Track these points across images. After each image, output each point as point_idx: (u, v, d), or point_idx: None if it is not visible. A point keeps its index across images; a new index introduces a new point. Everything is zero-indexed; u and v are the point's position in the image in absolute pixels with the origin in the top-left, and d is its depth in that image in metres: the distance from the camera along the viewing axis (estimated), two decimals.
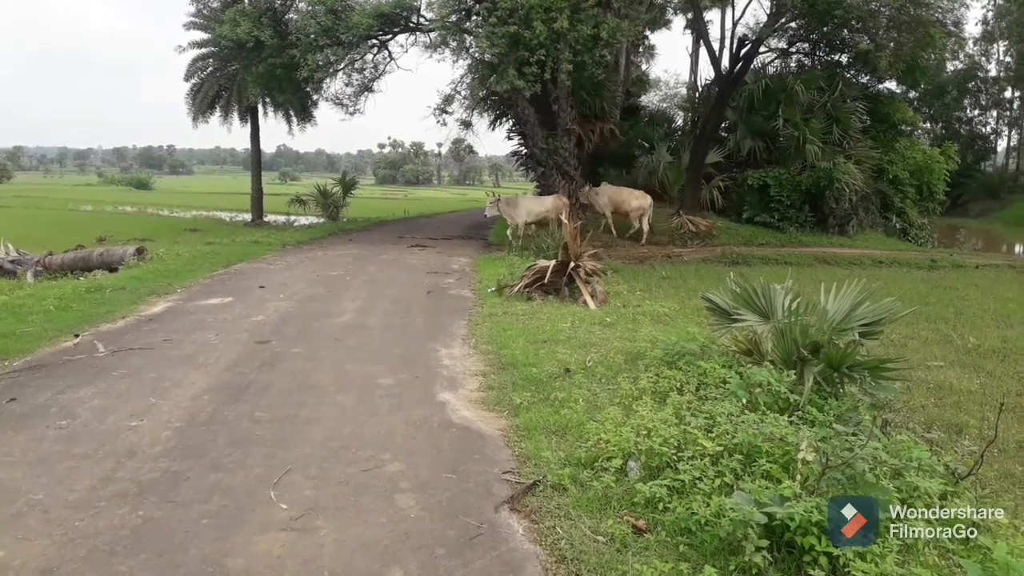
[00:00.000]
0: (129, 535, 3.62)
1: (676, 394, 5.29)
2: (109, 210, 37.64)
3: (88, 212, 35.77)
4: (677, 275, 14.58)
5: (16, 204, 39.54)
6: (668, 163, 24.22)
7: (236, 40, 19.71)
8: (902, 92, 26.33)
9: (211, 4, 25.42)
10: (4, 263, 14.29)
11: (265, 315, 9.11)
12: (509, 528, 3.74)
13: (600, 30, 16.27)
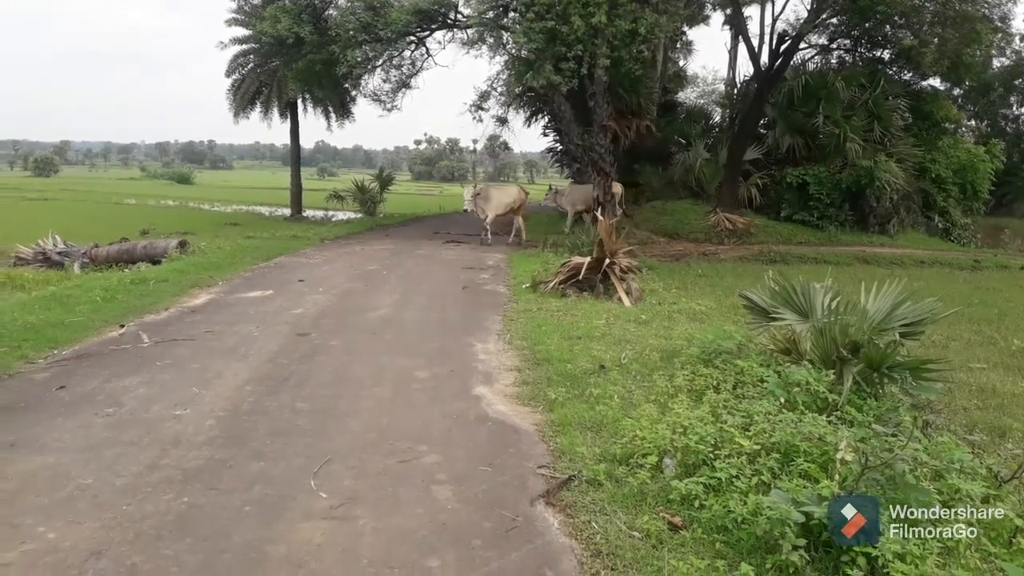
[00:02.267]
0: (174, 520, 3.72)
1: (713, 392, 5.27)
2: (152, 204, 38.45)
3: (132, 205, 36.58)
4: (713, 273, 14.47)
5: (63, 197, 40.58)
6: (705, 160, 24.01)
7: (276, 36, 19.96)
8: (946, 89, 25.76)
9: (252, 0, 25.76)
10: (52, 255, 14.71)
11: (304, 308, 9.26)
12: (545, 522, 3.77)
13: (638, 25, 16.16)
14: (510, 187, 19.83)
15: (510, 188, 19.39)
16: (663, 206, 23.15)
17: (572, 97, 19.38)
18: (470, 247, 17.60)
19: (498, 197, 18.15)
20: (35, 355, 6.81)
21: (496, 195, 18.22)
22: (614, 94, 20.86)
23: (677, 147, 25.49)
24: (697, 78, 34.85)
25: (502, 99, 22.13)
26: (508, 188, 19.55)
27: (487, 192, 18.27)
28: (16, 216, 27.09)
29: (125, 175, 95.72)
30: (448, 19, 19.70)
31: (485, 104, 21.74)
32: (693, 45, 33.55)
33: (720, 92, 31.60)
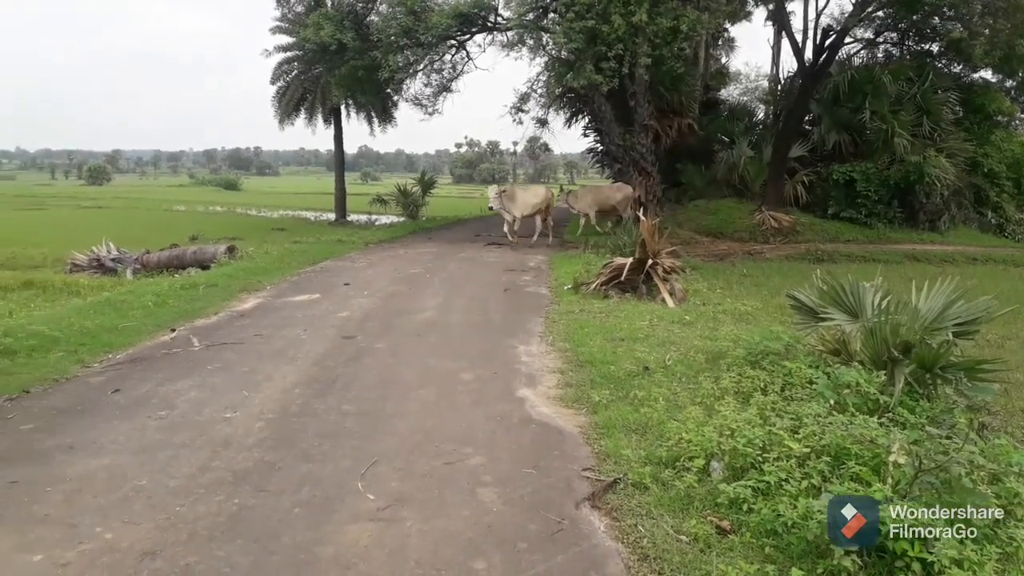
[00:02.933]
0: (226, 521, 3.80)
1: (760, 394, 5.19)
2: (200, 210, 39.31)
3: (181, 212, 37.44)
4: (759, 273, 14.27)
5: (115, 205, 41.75)
6: (749, 158, 23.69)
7: (320, 43, 20.26)
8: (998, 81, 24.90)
9: (295, 8, 26.19)
10: (106, 261, 15.13)
11: (350, 311, 9.38)
12: (590, 525, 3.76)
13: (680, 23, 16.04)
14: (537, 187, 19.72)
15: (537, 188, 19.25)
16: (706, 205, 22.89)
17: (612, 97, 19.30)
18: (511, 249, 17.63)
19: (523, 197, 18.02)
20: (91, 359, 7.02)
21: (521, 195, 18.11)
22: (655, 93, 20.72)
23: (720, 145, 25.17)
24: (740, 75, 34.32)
25: (542, 100, 22.18)
26: (535, 188, 19.40)
27: (512, 192, 18.15)
28: (72, 224, 27.96)
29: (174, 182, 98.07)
30: (488, 22, 19.78)
31: (525, 106, 21.84)
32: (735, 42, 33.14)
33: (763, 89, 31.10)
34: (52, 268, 15.84)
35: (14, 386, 6.05)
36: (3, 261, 17.03)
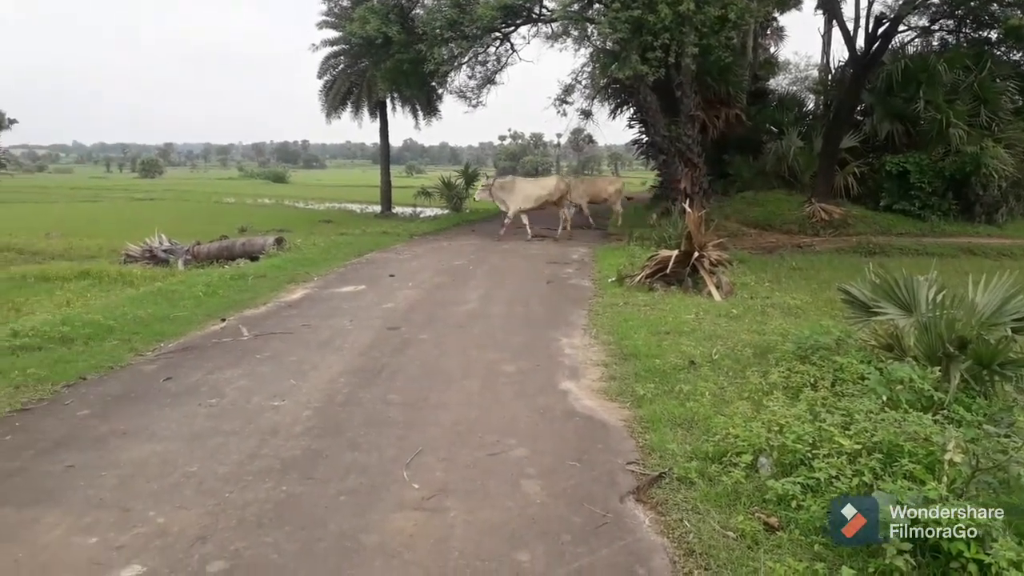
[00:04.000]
0: (274, 508, 3.85)
1: (810, 390, 5.08)
2: (249, 202, 40.00)
3: (230, 204, 38.16)
4: (808, 266, 14.01)
5: (167, 197, 42.74)
6: (799, 149, 23.21)
7: (365, 37, 20.40)
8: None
9: (341, 3, 26.40)
10: (158, 252, 15.50)
11: (395, 303, 9.45)
12: (635, 519, 3.73)
13: (728, 11, 15.76)
14: (546, 179, 19.35)
15: (545, 180, 18.91)
16: (754, 197, 22.52)
17: (658, 87, 19.08)
18: (554, 241, 17.58)
19: (526, 189, 17.76)
20: (144, 348, 7.20)
21: (523, 187, 17.85)
22: (702, 83, 20.43)
23: (769, 136, 24.72)
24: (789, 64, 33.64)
25: (586, 92, 22.09)
26: (543, 180, 19.10)
27: (511, 184, 17.91)
28: (125, 215, 28.72)
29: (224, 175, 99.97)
30: (533, 13, 19.72)
31: (569, 97, 21.76)
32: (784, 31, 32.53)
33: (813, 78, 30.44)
34: (107, 259, 16.27)
35: (71, 373, 6.24)
36: (61, 252, 17.56)
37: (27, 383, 5.91)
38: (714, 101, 22.16)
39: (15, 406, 5.46)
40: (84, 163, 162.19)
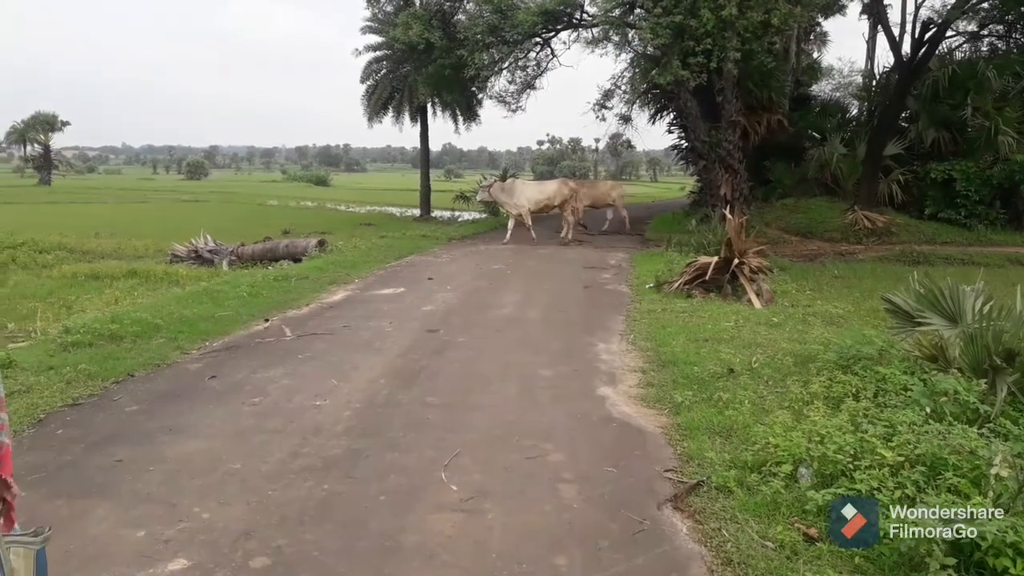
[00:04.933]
0: (315, 506, 3.93)
1: (852, 400, 5.01)
2: (292, 205, 40.54)
3: (274, 206, 38.69)
4: (851, 274, 13.76)
5: (212, 199, 43.51)
6: (841, 155, 22.81)
7: (408, 43, 20.62)
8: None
9: (385, 8, 26.68)
10: (204, 252, 15.82)
11: (434, 305, 9.54)
12: (672, 527, 3.72)
13: (771, 16, 15.59)
14: (547, 183, 19.50)
15: (547, 184, 19.05)
16: (795, 204, 22.20)
17: (699, 93, 18.97)
18: (592, 246, 17.56)
19: (526, 192, 17.80)
20: (189, 346, 7.37)
21: (524, 190, 17.89)
22: (743, 88, 20.22)
23: (811, 142, 24.35)
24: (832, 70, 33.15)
25: (626, 97, 21.98)
26: (544, 184, 19.25)
27: (512, 186, 17.96)
28: (172, 216, 29.33)
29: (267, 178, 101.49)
30: (574, 19, 19.74)
31: (609, 103, 21.70)
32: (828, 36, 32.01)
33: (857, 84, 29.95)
34: (154, 258, 16.65)
35: (120, 370, 6.42)
36: (110, 251, 18.00)
37: (78, 379, 6.10)
38: (755, 107, 21.90)
39: (66, 401, 5.63)
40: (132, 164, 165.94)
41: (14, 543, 2.10)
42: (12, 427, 4.97)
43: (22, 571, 2.10)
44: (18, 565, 2.11)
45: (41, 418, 5.28)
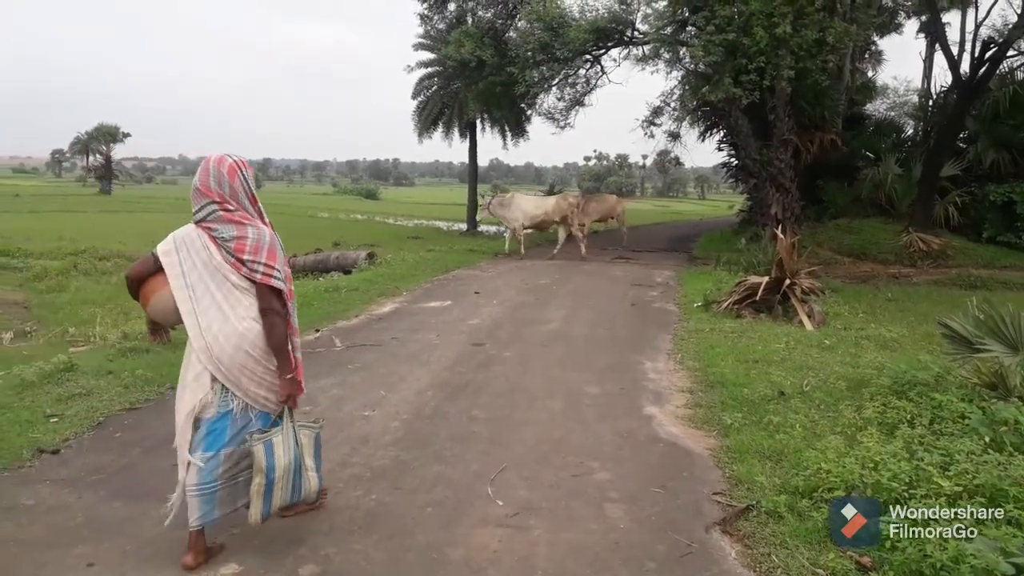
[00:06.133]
0: (363, 516, 3.97)
1: (907, 427, 4.89)
2: (342, 217, 41.16)
3: (324, 219, 39.30)
4: (905, 297, 13.42)
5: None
6: (896, 176, 22.34)
7: (460, 60, 20.85)
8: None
9: (438, 26, 27.05)
10: None
11: (480, 319, 9.59)
12: (721, 550, 3.67)
13: (826, 35, 15.39)
14: (546, 198, 19.62)
15: (546, 199, 19.15)
16: (848, 224, 21.76)
17: (750, 110, 18.78)
18: (639, 263, 17.46)
19: (524, 207, 17.91)
20: None
21: (522, 204, 18.00)
22: (796, 107, 19.96)
23: (865, 162, 23.88)
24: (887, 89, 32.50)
25: (675, 114, 21.87)
26: (543, 199, 19.35)
27: (510, 201, 18.14)
28: None
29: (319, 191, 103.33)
30: (624, 36, 19.76)
31: (657, 119, 21.62)
32: (883, 54, 31.48)
33: (913, 103, 29.29)
34: None
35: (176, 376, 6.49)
36: None
37: (136, 384, 6.28)
38: (808, 125, 21.57)
39: (124, 405, 5.81)
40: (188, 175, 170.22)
41: (301, 426, 3.63)
42: (73, 430, 5.17)
43: (307, 445, 3.62)
44: (304, 441, 3.60)
45: (101, 421, 5.45)
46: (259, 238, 3.52)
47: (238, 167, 3.57)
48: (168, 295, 3.46)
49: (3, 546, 3.59)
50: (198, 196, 3.54)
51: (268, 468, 3.39)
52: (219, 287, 3.44)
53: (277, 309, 3.47)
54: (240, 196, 3.57)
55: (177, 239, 3.54)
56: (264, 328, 3.42)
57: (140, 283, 3.57)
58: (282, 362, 3.45)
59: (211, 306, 3.43)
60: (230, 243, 3.46)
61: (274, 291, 3.48)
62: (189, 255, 3.48)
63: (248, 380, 3.43)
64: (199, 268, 3.45)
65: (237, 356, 3.40)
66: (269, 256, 3.50)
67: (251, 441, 3.41)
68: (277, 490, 3.45)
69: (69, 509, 4.01)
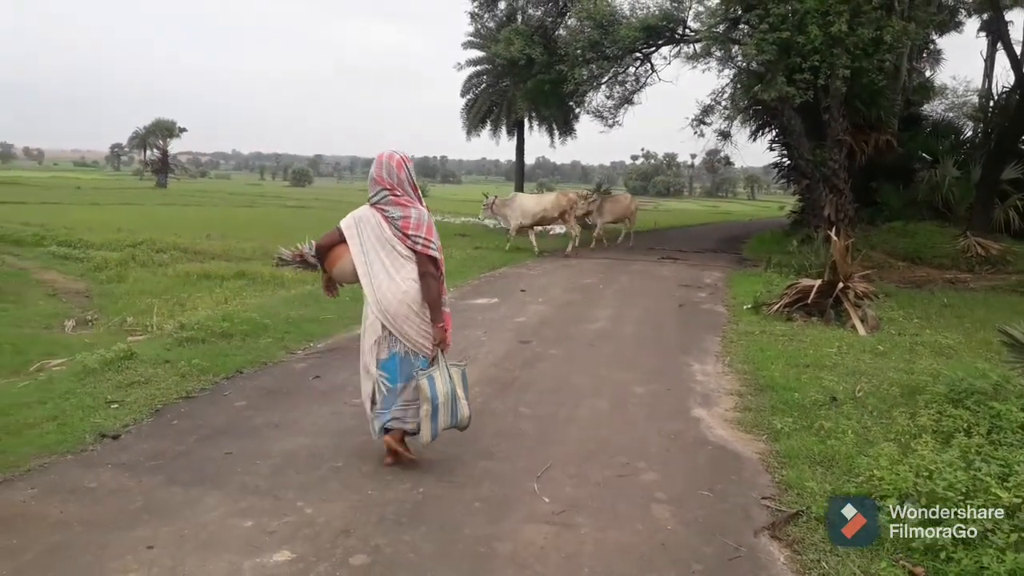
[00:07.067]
0: (412, 508, 4.03)
1: (963, 436, 4.77)
2: None
3: None
4: (962, 303, 13.04)
5: (316, 206, 45.05)
6: (954, 178, 21.71)
7: (509, 58, 20.88)
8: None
9: (487, 24, 27.16)
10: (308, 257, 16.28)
11: (526, 317, 9.62)
12: (769, 555, 3.64)
13: (883, 33, 15.05)
14: (545, 195, 19.60)
15: (544, 196, 19.15)
16: (903, 227, 21.20)
17: (803, 110, 18.43)
18: (687, 263, 17.30)
19: (524, 205, 17.96)
20: (295, 346, 7.70)
21: (522, 202, 18.05)
22: (851, 106, 19.52)
23: (921, 164, 23.27)
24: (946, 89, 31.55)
25: (726, 113, 21.58)
26: (542, 196, 19.36)
27: (512, 199, 18.26)
28: (278, 221, 30.54)
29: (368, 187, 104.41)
30: (676, 34, 19.59)
31: (708, 118, 21.36)
32: (942, 54, 30.60)
33: (973, 104, 28.40)
34: (260, 261, 17.34)
35: (230, 366, 6.76)
36: (219, 252, 18.89)
37: (192, 373, 6.45)
38: (863, 126, 21.07)
39: (181, 393, 5.98)
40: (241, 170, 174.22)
41: (452, 365, 4.49)
42: (132, 416, 5.35)
43: (457, 380, 4.44)
44: (455, 376, 4.45)
45: (158, 408, 5.62)
46: (420, 217, 4.39)
47: (404, 162, 4.43)
48: (349, 261, 4.46)
49: (68, 527, 3.73)
50: (373, 184, 4.45)
51: (432, 397, 4.26)
52: (388, 255, 4.37)
53: (433, 273, 4.38)
54: (405, 184, 4.43)
55: (356, 217, 4.47)
56: (421, 287, 4.34)
57: (327, 251, 4.61)
58: (435, 314, 4.39)
59: (381, 270, 4.37)
60: (398, 221, 4.35)
61: (431, 259, 4.38)
62: (365, 230, 4.42)
63: (410, 328, 4.37)
64: (373, 240, 4.39)
65: (400, 309, 4.33)
66: (428, 232, 4.39)
67: (417, 376, 4.32)
68: (440, 415, 4.32)
69: (129, 493, 4.15)
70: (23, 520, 3.79)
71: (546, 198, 18.76)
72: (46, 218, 25.24)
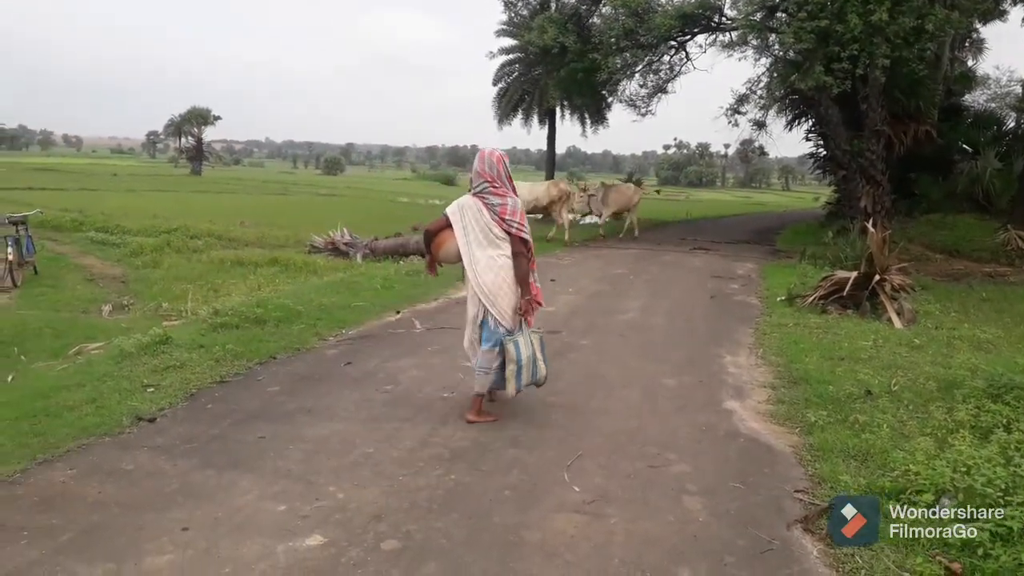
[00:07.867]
0: (443, 495, 4.05)
1: (1003, 431, 4.67)
2: (421, 202, 41.59)
3: (404, 203, 39.85)
4: (1001, 297, 12.76)
5: (348, 194, 45.38)
6: (996, 170, 21.22)
7: (543, 46, 20.78)
8: None
9: (521, 12, 27.05)
10: (340, 245, 16.54)
11: (556, 307, 9.60)
12: (802, 548, 3.60)
13: (925, 22, 14.70)
14: (537, 184, 19.70)
15: (536, 185, 19.26)
16: (941, 220, 20.82)
17: (841, 100, 18.13)
18: (718, 254, 17.15)
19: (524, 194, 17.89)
20: (327, 333, 7.77)
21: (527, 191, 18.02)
22: (890, 96, 19.14)
23: (961, 155, 22.79)
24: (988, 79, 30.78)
25: (761, 102, 21.27)
26: (536, 184, 19.49)
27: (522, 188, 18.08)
28: (310, 209, 30.82)
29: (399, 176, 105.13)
30: (712, 22, 19.35)
31: (742, 107, 21.07)
32: (985, 43, 29.85)
33: (1016, 95, 27.68)
34: (293, 248, 17.55)
35: (263, 352, 6.84)
36: (252, 240, 19.13)
37: (225, 358, 6.54)
38: (902, 116, 20.66)
39: (215, 378, 6.06)
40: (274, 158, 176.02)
41: (532, 332, 5.20)
42: (168, 399, 5.44)
43: (537, 345, 5.17)
44: (535, 341, 5.19)
45: (193, 393, 5.71)
46: (515, 205, 5.05)
47: (502, 158, 5.12)
48: (454, 244, 5.06)
49: (105, 507, 3.81)
50: (477, 177, 5.07)
51: (517, 358, 4.96)
52: (486, 237, 5.01)
53: (524, 252, 5.05)
54: (502, 177, 5.07)
55: (460, 205, 5.09)
56: (514, 265, 5.01)
57: (435, 235, 5.18)
58: (524, 288, 5.06)
59: (479, 250, 5.01)
60: (496, 208, 4.99)
61: (523, 240, 5.05)
62: (468, 216, 5.04)
63: (502, 300, 5.02)
64: (473, 225, 5.03)
65: (495, 284, 4.99)
66: (521, 217, 5.06)
67: (505, 341, 4.99)
68: (524, 373, 5.02)
69: (165, 475, 4.22)
70: (63, 500, 3.88)
71: (538, 187, 18.78)
72: (84, 204, 25.74)
